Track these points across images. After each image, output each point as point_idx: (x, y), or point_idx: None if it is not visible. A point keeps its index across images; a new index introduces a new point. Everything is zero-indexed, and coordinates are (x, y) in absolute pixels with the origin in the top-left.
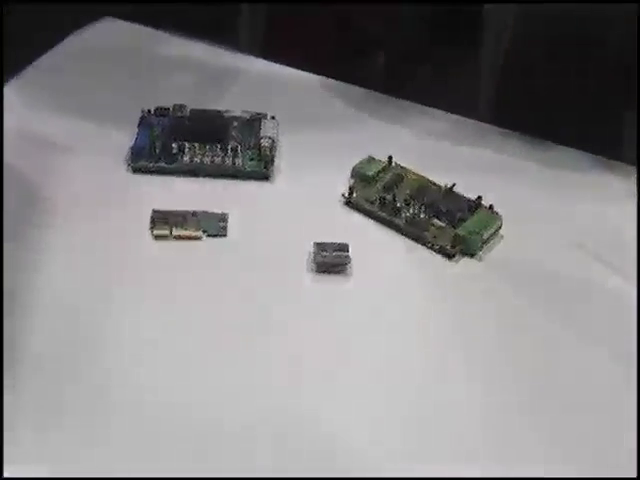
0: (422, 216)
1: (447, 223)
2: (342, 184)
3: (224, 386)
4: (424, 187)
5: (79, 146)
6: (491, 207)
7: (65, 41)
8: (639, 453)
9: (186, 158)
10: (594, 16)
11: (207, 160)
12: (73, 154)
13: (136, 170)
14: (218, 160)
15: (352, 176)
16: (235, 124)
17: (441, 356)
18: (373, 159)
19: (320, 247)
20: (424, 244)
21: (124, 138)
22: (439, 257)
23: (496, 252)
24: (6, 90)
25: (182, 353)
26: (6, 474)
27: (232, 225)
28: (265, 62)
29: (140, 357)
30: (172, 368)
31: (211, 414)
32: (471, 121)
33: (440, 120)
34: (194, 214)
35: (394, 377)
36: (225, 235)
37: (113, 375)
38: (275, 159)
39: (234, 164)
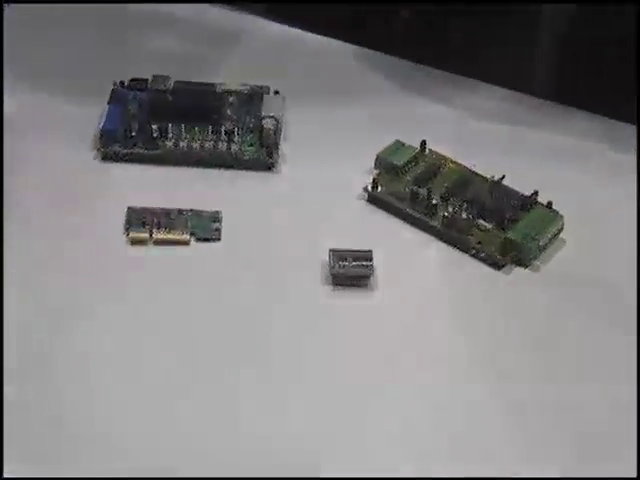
0: (464, 216)
1: (495, 225)
2: (364, 176)
3: (215, 430)
4: (466, 179)
5: (35, 128)
6: (550, 204)
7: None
8: (639, 453)
9: (169, 143)
10: None
11: (196, 146)
12: (27, 138)
13: (106, 157)
14: (209, 146)
15: (376, 166)
16: (231, 100)
17: (486, 392)
18: (402, 145)
19: (337, 255)
20: (466, 251)
21: (91, 117)
22: (485, 267)
23: (556, 261)
24: None
25: (166, 387)
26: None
27: (227, 227)
28: (267, 22)
29: (112, 389)
30: (152, 405)
31: (196, 463)
32: (525, 96)
33: (486, 95)
34: (180, 213)
35: (429, 416)
36: (218, 239)
37: (72, 408)
38: (280, 144)
39: (229, 150)
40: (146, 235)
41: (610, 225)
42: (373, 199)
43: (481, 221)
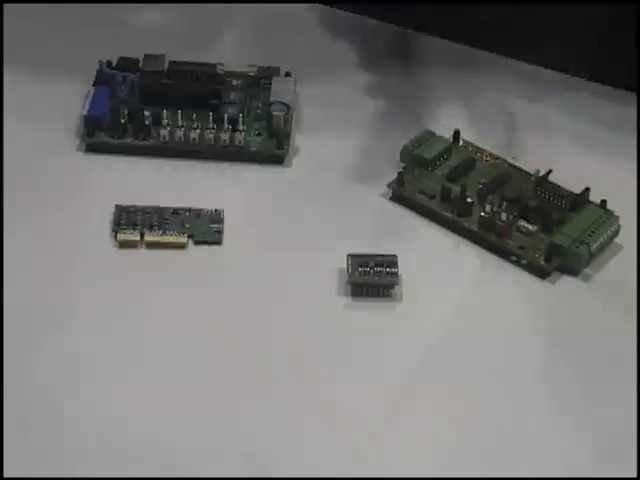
0: (503, 216)
1: (539, 227)
2: (388, 170)
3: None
4: (506, 175)
5: (10, 115)
6: (604, 203)
7: None
8: (639, 453)
9: (164, 132)
10: None
11: (194, 135)
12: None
13: (91, 148)
14: (210, 136)
15: (402, 159)
16: (235, 83)
17: (527, 419)
18: (432, 135)
19: (357, 261)
20: (506, 257)
21: (74, 102)
22: (527, 276)
23: (610, 270)
24: None
25: (159, 409)
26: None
27: (229, 228)
28: None
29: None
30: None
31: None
32: (573, 79)
33: (527, 78)
34: (175, 212)
35: (460, 446)
36: (220, 242)
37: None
38: (292, 134)
39: (233, 141)
40: (137, 237)
41: None
42: (398, 197)
43: (523, 222)
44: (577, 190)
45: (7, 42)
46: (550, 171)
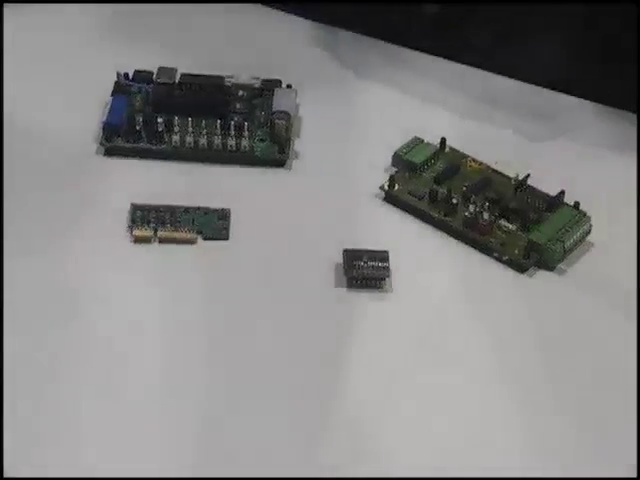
0: (485, 216)
1: (518, 226)
2: (380, 174)
3: (222, 437)
4: (488, 178)
5: (35, 120)
6: (577, 205)
7: None
8: (639, 453)
9: (175, 138)
10: None
11: (203, 141)
12: (27, 131)
13: (109, 152)
14: (217, 141)
15: (394, 163)
16: (240, 94)
17: (509, 400)
18: (421, 141)
19: (352, 256)
20: (488, 253)
21: (94, 110)
22: (507, 270)
23: (582, 265)
24: None
25: (168, 390)
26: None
27: (235, 225)
28: (282, 14)
29: (113, 391)
30: (155, 408)
31: (202, 466)
32: (547, 92)
33: (508, 91)
34: (186, 210)
35: (447, 429)
36: (226, 238)
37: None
38: (292, 140)
39: (239, 147)
40: (150, 233)
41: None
42: (390, 198)
43: (504, 222)
44: (553, 192)
45: (36, 53)
46: (528, 175)
